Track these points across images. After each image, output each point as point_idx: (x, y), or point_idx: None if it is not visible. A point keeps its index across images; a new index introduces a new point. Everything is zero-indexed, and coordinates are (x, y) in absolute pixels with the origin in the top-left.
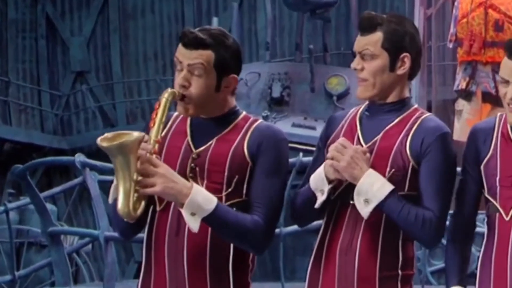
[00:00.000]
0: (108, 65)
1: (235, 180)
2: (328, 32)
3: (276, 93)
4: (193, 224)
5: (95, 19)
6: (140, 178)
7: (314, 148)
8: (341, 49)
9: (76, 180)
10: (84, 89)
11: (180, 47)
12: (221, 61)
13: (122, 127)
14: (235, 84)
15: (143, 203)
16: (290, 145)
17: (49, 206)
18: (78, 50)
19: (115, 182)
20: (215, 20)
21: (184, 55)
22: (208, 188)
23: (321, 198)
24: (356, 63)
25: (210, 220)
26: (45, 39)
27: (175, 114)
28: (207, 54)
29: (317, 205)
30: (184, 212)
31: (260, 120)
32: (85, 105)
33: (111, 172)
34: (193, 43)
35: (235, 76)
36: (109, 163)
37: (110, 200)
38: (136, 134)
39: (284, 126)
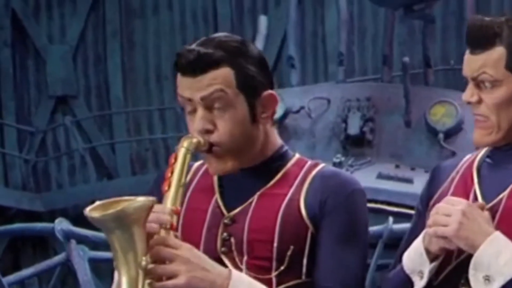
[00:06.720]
0: (104, 86)
1: (289, 253)
2: (432, 39)
3: (354, 128)
4: None
5: (85, 18)
6: (151, 265)
7: (410, 211)
8: (451, 64)
9: (57, 258)
10: (69, 123)
11: (180, 78)
12: (245, 77)
13: (125, 179)
14: (274, 105)
15: None
16: (376, 205)
17: None
18: (60, 64)
19: (116, 272)
20: (262, 19)
21: (190, 88)
22: (250, 268)
23: (420, 284)
24: (469, 95)
25: None
26: (10, 48)
27: (196, 165)
28: (224, 74)
29: None
30: None
31: (322, 165)
32: (69, 146)
33: (108, 245)
34: (198, 65)
35: (271, 92)
36: None
37: None
38: (142, 199)
39: (366, 177)
